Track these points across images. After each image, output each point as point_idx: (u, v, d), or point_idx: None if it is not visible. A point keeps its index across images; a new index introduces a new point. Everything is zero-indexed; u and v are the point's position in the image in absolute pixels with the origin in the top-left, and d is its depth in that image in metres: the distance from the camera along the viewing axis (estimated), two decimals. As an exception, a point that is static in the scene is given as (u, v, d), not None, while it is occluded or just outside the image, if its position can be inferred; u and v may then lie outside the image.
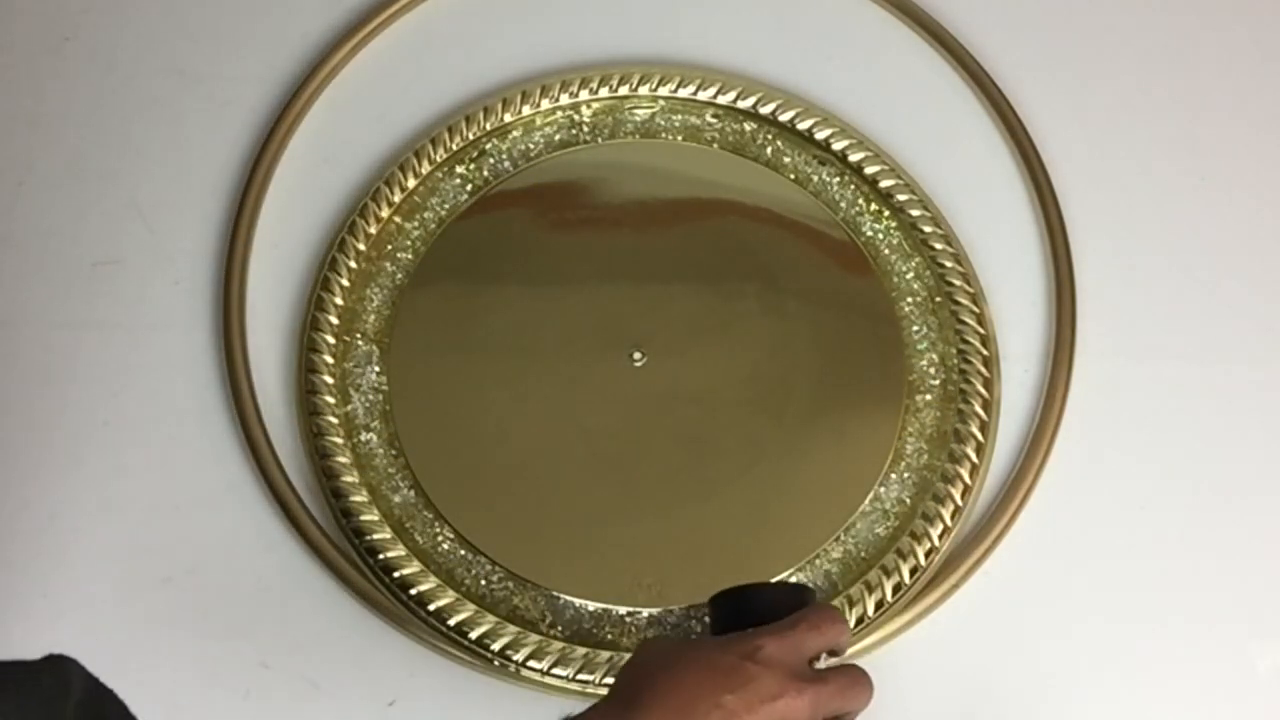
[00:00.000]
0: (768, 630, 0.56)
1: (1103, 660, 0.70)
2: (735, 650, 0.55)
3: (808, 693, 0.54)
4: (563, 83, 0.83)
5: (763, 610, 0.59)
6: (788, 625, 0.57)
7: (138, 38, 0.86)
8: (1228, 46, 0.87)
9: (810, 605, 0.60)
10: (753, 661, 0.54)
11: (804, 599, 0.61)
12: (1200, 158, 0.83)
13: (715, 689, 0.53)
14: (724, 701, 0.53)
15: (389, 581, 0.70)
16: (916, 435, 0.75)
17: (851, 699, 0.57)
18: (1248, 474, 0.75)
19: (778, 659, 0.55)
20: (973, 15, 0.87)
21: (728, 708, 0.53)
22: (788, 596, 0.62)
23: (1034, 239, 0.81)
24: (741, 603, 0.62)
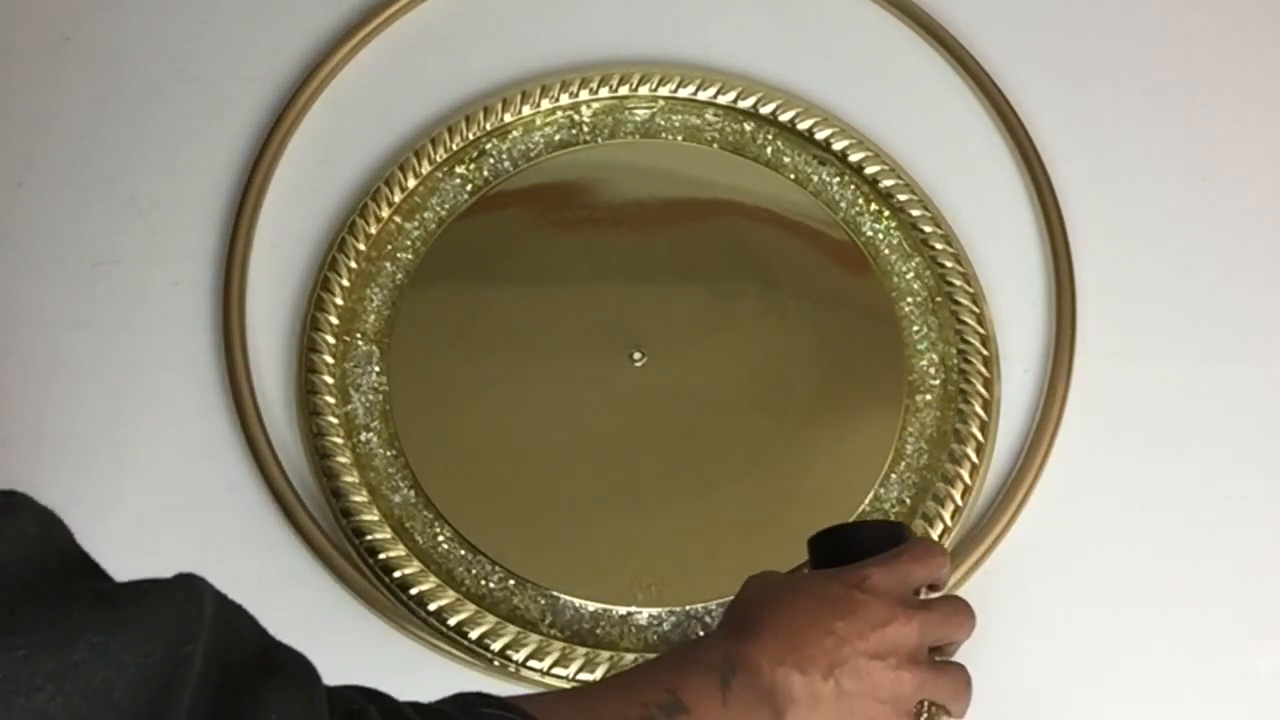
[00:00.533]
0: (873, 561, 0.57)
1: (1102, 660, 0.70)
2: (843, 580, 0.56)
3: (915, 619, 0.55)
4: (563, 83, 0.83)
5: (861, 547, 0.60)
6: (892, 557, 0.58)
7: (138, 38, 0.86)
8: (1228, 46, 0.87)
9: (910, 540, 0.61)
10: (861, 590, 0.55)
11: (901, 535, 0.62)
12: (1200, 158, 0.83)
13: (826, 617, 0.54)
14: (835, 629, 0.54)
15: (389, 581, 0.70)
16: (916, 435, 0.75)
17: (956, 627, 0.58)
18: (1248, 474, 0.75)
19: (884, 588, 0.56)
20: (973, 15, 0.87)
21: (839, 634, 0.54)
22: (885, 533, 0.62)
23: (1034, 239, 0.81)
24: (840, 540, 0.63)
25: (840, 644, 0.54)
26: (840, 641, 0.54)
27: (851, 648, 0.54)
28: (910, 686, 0.55)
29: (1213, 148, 0.84)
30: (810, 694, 0.53)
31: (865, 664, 0.54)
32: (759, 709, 0.52)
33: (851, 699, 0.54)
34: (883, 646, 0.54)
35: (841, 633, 0.54)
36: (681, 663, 0.53)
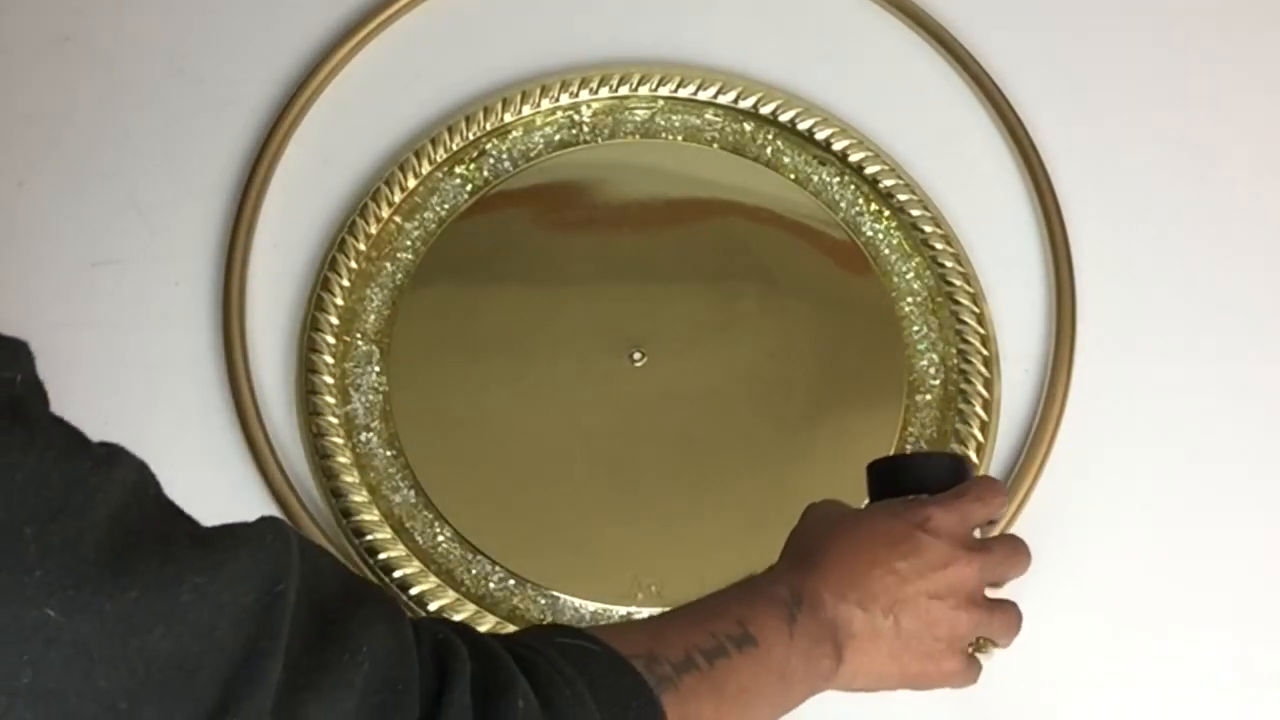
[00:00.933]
0: (936, 501, 0.58)
1: (1102, 660, 0.70)
2: (906, 519, 0.57)
3: (976, 561, 0.57)
4: (563, 83, 0.83)
5: (922, 480, 0.60)
6: (955, 495, 0.59)
7: (138, 38, 0.86)
8: (1228, 46, 0.87)
9: (972, 477, 0.62)
10: (924, 530, 0.56)
11: (963, 471, 0.62)
12: (1200, 158, 0.83)
13: (889, 556, 0.55)
14: (897, 568, 0.55)
15: (389, 581, 0.70)
16: (916, 435, 0.75)
17: (1012, 566, 0.60)
18: (1248, 474, 0.75)
19: (946, 528, 0.57)
20: (973, 15, 0.87)
21: (900, 574, 0.55)
22: (947, 468, 0.63)
23: (1034, 239, 0.81)
24: (903, 471, 0.63)
25: (902, 583, 0.55)
26: (902, 581, 0.55)
27: (913, 587, 0.55)
28: (967, 626, 0.57)
29: (1213, 148, 0.84)
30: (870, 629, 0.55)
31: (925, 603, 0.55)
32: (822, 643, 0.54)
33: (909, 636, 0.55)
34: (943, 587, 0.56)
35: (903, 572, 0.55)
36: (751, 595, 0.54)
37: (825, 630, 0.54)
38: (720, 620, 0.51)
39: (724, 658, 0.49)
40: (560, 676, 0.42)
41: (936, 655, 0.57)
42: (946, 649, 0.57)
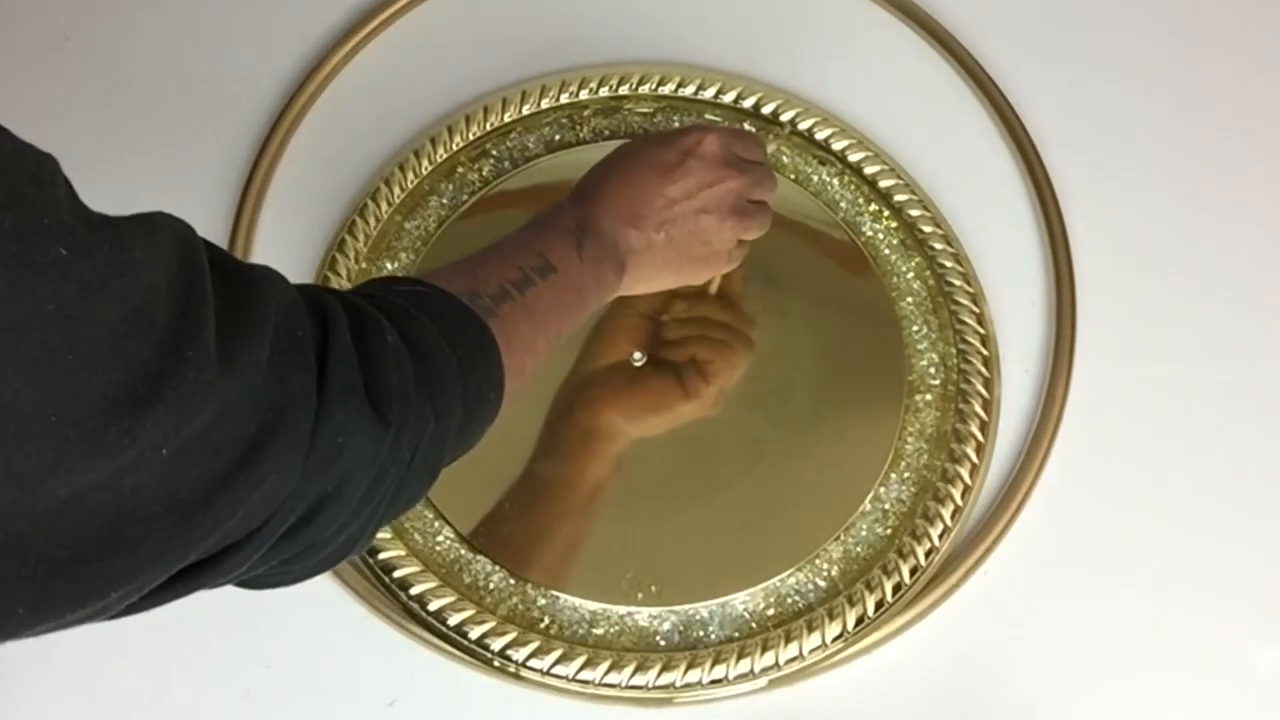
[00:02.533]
0: (702, 126, 0.67)
1: (1102, 660, 0.70)
2: (677, 146, 0.66)
3: (739, 178, 0.66)
4: (563, 83, 0.83)
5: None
6: (725, 128, 0.68)
7: (138, 38, 0.86)
8: (1228, 46, 0.87)
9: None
10: (693, 156, 0.65)
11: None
12: (1200, 158, 0.83)
13: (661, 184, 0.65)
14: (667, 193, 0.65)
15: (389, 581, 0.70)
16: (916, 435, 0.75)
17: (769, 188, 0.69)
18: (1248, 474, 0.75)
19: (712, 151, 0.66)
20: (973, 15, 0.87)
21: (669, 197, 0.65)
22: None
23: (1034, 239, 0.81)
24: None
25: (671, 204, 0.65)
26: (671, 203, 0.65)
27: (681, 207, 0.65)
28: (732, 232, 0.67)
29: (1213, 148, 0.84)
30: (645, 244, 0.64)
31: (694, 218, 0.65)
32: (605, 261, 0.63)
33: (681, 246, 0.65)
34: (710, 203, 0.65)
35: (673, 195, 0.65)
36: (543, 231, 0.62)
37: (608, 251, 0.63)
38: (523, 255, 0.59)
39: (531, 286, 0.57)
40: (408, 314, 0.49)
41: (705, 258, 0.67)
42: (713, 253, 0.67)
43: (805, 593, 0.71)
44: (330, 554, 0.47)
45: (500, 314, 0.54)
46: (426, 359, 0.48)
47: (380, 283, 0.53)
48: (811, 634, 0.69)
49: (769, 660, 0.68)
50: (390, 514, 0.49)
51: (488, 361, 0.52)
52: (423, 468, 0.48)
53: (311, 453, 0.42)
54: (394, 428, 0.44)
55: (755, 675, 0.68)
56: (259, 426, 0.39)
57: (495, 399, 0.53)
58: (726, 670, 0.68)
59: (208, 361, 0.37)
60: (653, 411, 0.73)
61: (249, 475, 0.39)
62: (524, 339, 0.55)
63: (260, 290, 0.42)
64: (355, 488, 0.44)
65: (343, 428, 0.43)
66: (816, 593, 0.71)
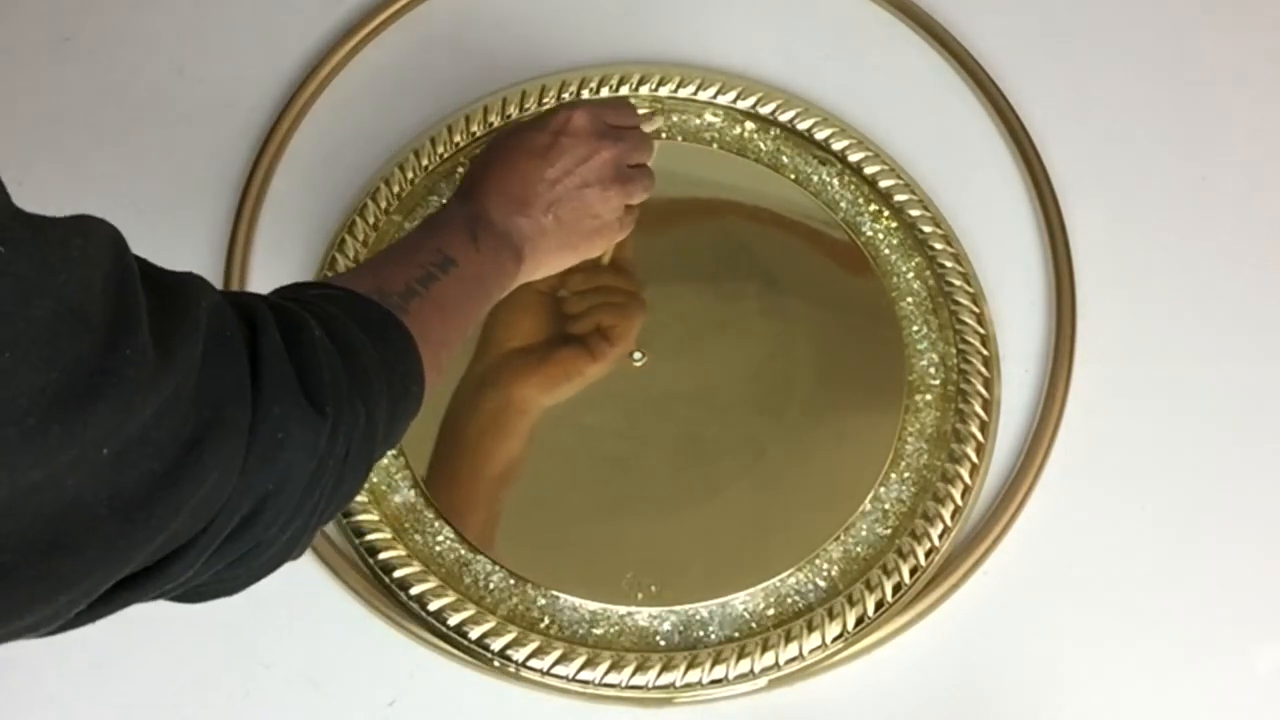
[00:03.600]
0: (570, 105, 0.69)
1: (1102, 660, 0.70)
2: (549, 129, 0.67)
3: (614, 147, 0.68)
4: (563, 83, 0.83)
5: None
6: (591, 100, 0.70)
7: (138, 38, 0.86)
8: (1228, 46, 0.87)
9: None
10: (564, 135, 0.67)
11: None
12: (1200, 158, 0.83)
13: (539, 167, 0.66)
14: (547, 175, 0.66)
15: (389, 581, 0.70)
16: (916, 435, 0.75)
17: (645, 152, 0.71)
18: (1247, 474, 0.75)
19: (583, 126, 0.67)
20: (973, 15, 0.87)
21: (550, 179, 0.66)
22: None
23: (1034, 239, 0.81)
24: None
25: (552, 185, 0.66)
26: (552, 184, 0.66)
27: (563, 186, 0.66)
28: (617, 200, 0.69)
29: (1213, 148, 0.84)
30: (537, 229, 0.65)
31: (578, 194, 0.67)
32: (503, 250, 0.64)
33: (571, 224, 0.67)
34: (590, 176, 0.67)
35: (552, 176, 0.66)
36: (438, 229, 0.63)
37: (502, 241, 0.64)
38: (422, 253, 0.60)
39: (435, 281, 0.58)
40: (329, 313, 0.50)
41: (598, 230, 0.69)
42: (604, 224, 0.69)
43: (805, 593, 0.71)
44: (274, 555, 0.47)
45: (410, 310, 0.55)
46: (351, 355, 0.48)
47: (291, 288, 0.54)
48: (811, 634, 0.69)
49: (769, 660, 0.68)
50: (330, 510, 0.49)
51: (407, 356, 0.53)
52: (358, 461, 0.48)
53: (251, 450, 0.42)
54: (330, 420, 0.45)
55: (755, 675, 0.68)
56: (197, 424, 0.39)
57: (417, 393, 0.54)
58: (726, 670, 0.68)
59: (145, 359, 0.37)
60: (564, 380, 0.75)
61: (190, 474, 0.39)
62: (436, 333, 0.56)
63: (187, 292, 0.42)
64: (297, 482, 0.44)
65: (281, 423, 0.43)
66: (816, 593, 0.71)
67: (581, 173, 0.67)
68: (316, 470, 0.45)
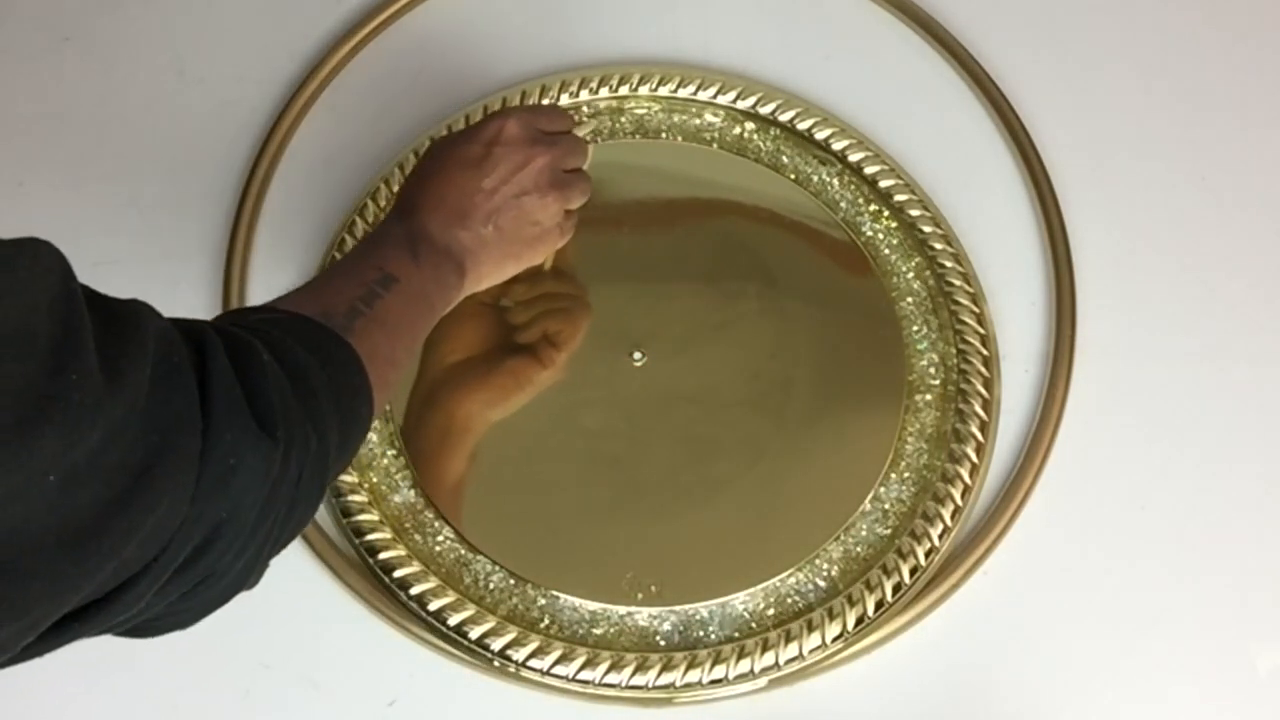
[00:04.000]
0: (501, 114, 0.68)
1: (1102, 661, 0.70)
2: (481, 140, 0.66)
3: (548, 153, 0.67)
4: (563, 83, 0.83)
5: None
6: (521, 108, 0.69)
7: (138, 38, 0.86)
8: (1228, 46, 0.87)
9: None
10: (497, 145, 0.66)
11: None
12: (1200, 158, 0.83)
13: (475, 178, 0.65)
14: (483, 186, 0.65)
15: (389, 581, 0.70)
16: (916, 435, 0.75)
17: (580, 155, 0.70)
18: (1248, 474, 0.75)
19: (515, 134, 0.67)
20: (973, 15, 0.87)
21: (487, 190, 0.65)
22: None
23: (1034, 239, 0.81)
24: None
25: (490, 196, 0.65)
26: (489, 194, 0.65)
27: (500, 195, 0.65)
28: (555, 205, 0.68)
29: (1213, 148, 0.84)
30: (478, 241, 0.65)
31: (516, 202, 0.66)
32: (443, 265, 0.63)
33: (512, 233, 0.66)
34: (527, 184, 0.66)
35: (489, 186, 0.65)
36: (378, 247, 0.62)
37: (443, 256, 0.63)
38: (363, 272, 0.59)
39: (379, 299, 0.58)
40: (275, 338, 0.49)
41: (539, 237, 0.68)
42: (544, 230, 0.68)
43: (805, 593, 0.71)
44: (228, 585, 0.46)
45: (356, 330, 0.55)
46: (299, 378, 0.48)
47: (235, 313, 0.54)
48: (811, 634, 0.69)
49: (769, 660, 0.68)
50: (284, 537, 0.48)
51: (355, 377, 0.53)
52: (311, 486, 0.48)
53: (203, 476, 0.41)
54: (282, 444, 0.44)
55: (755, 675, 0.68)
56: (146, 451, 0.39)
57: (366, 414, 0.54)
58: (726, 670, 0.68)
59: (92, 383, 0.36)
60: (514, 390, 0.75)
61: (139, 501, 0.38)
62: (383, 352, 0.56)
63: (134, 318, 0.41)
64: (249, 509, 0.44)
65: (233, 448, 0.42)
66: (816, 593, 0.71)
67: (518, 181, 0.66)
68: (269, 496, 0.44)
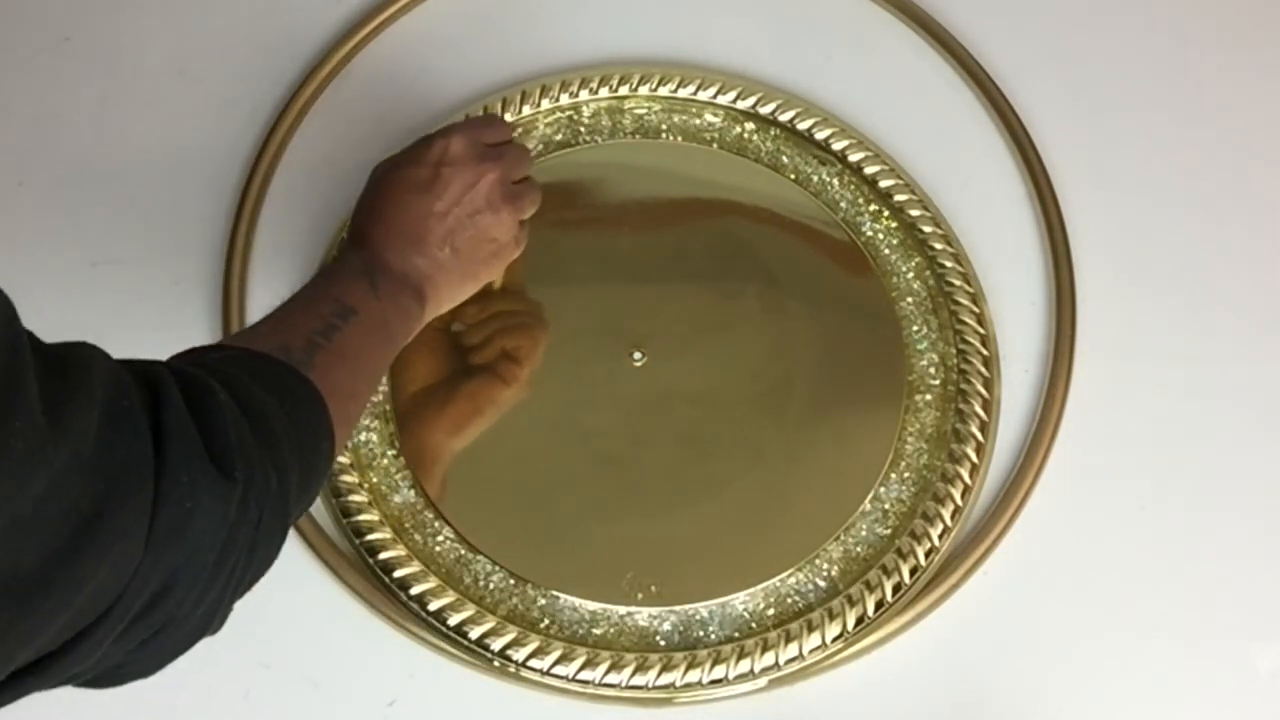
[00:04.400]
0: (444, 133, 0.67)
1: (1102, 661, 0.70)
2: (426, 163, 0.66)
3: (495, 167, 0.67)
4: (563, 83, 0.83)
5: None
6: (462, 124, 0.68)
7: (138, 38, 0.86)
8: (1228, 46, 0.87)
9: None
10: (444, 166, 0.65)
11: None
12: (1200, 158, 0.83)
13: (426, 201, 0.65)
14: (436, 209, 0.65)
15: (389, 581, 0.70)
16: (916, 435, 0.75)
17: (526, 165, 0.70)
18: (1248, 474, 0.75)
19: (461, 153, 0.66)
20: (973, 15, 0.87)
21: (440, 212, 0.65)
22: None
23: (1034, 239, 0.81)
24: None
25: (444, 218, 0.65)
26: (443, 216, 0.65)
27: (454, 216, 0.65)
28: (510, 218, 0.68)
29: (1213, 148, 0.84)
30: (436, 265, 0.64)
31: (471, 221, 0.66)
32: (402, 293, 0.63)
33: (469, 252, 0.66)
34: (480, 202, 0.66)
35: (442, 209, 0.65)
36: (336, 278, 0.62)
37: (400, 283, 0.63)
38: (322, 304, 0.58)
39: (337, 332, 0.57)
40: (232, 376, 0.48)
41: (496, 253, 0.68)
42: (501, 246, 0.68)
43: (805, 593, 0.71)
44: (189, 631, 0.45)
45: (315, 365, 0.54)
46: (258, 417, 0.47)
47: (191, 353, 0.53)
48: (811, 634, 0.69)
49: (769, 660, 0.68)
50: (246, 581, 0.48)
51: (315, 414, 0.52)
52: (272, 528, 0.47)
53: (157, 521, 0.40)
54: (240, 485, 0.43)
55: (755, 675, 0.68)
56: (94, 497, 0.38)
57: (328, 450, 0.53)
58: (726, 670, 0.68)
59: (35, 430, 0.35)
60: (478, 414, 0.74)
61: (89, 549, 0.37)
62: (344, 385, 0.55)
63: (80, 361, 0.40)
64: (208, 552, 0.43)
65: (189, 491, 0.41)
66: (816, 593, 0.71)
67: (471, 199, 0.65)
68: (228, 539, 0.44)
